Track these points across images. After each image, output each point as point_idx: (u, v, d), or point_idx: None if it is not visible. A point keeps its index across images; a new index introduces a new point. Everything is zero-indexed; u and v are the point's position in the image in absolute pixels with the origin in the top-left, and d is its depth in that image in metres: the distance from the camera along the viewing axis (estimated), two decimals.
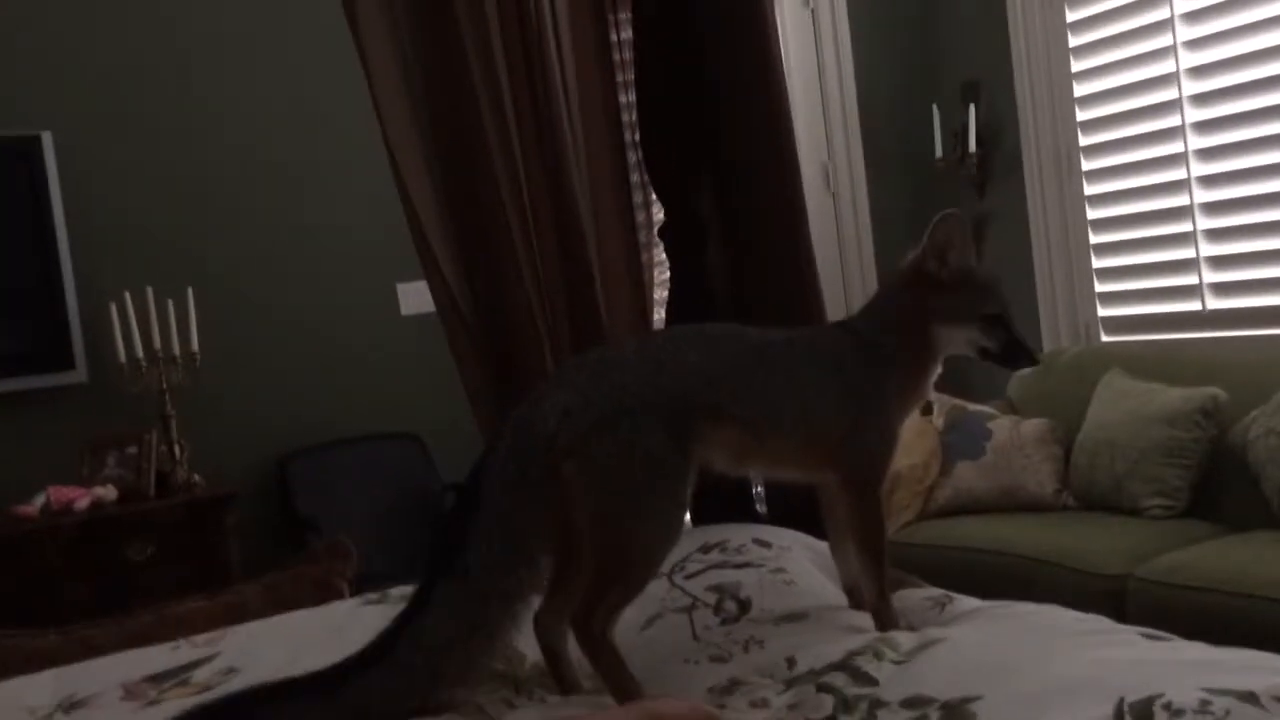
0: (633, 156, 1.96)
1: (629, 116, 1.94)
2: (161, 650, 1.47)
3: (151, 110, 3.53)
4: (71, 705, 1.29)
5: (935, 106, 4.13)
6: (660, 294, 2.08)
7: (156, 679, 1.37)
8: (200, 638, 1.50)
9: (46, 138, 3.28)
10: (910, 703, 1.09)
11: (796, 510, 1.77)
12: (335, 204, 3.78)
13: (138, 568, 3.12)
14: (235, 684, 1.32)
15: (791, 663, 1.25)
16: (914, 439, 3.34)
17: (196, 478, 3.36)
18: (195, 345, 3.40)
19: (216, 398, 3.49)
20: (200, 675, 1.37)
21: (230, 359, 3.53)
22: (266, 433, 3.59)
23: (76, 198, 3.33)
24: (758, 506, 1.90)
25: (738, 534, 1.71)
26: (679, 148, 1.89)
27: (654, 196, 2.00)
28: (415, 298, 3.88)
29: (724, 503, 1.83)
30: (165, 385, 3.36)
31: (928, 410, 3.44)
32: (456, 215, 1.79)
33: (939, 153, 4.12)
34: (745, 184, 1.88)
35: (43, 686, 1.35)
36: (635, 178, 2.03)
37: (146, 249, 3.46)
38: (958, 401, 3.49)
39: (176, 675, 1.37)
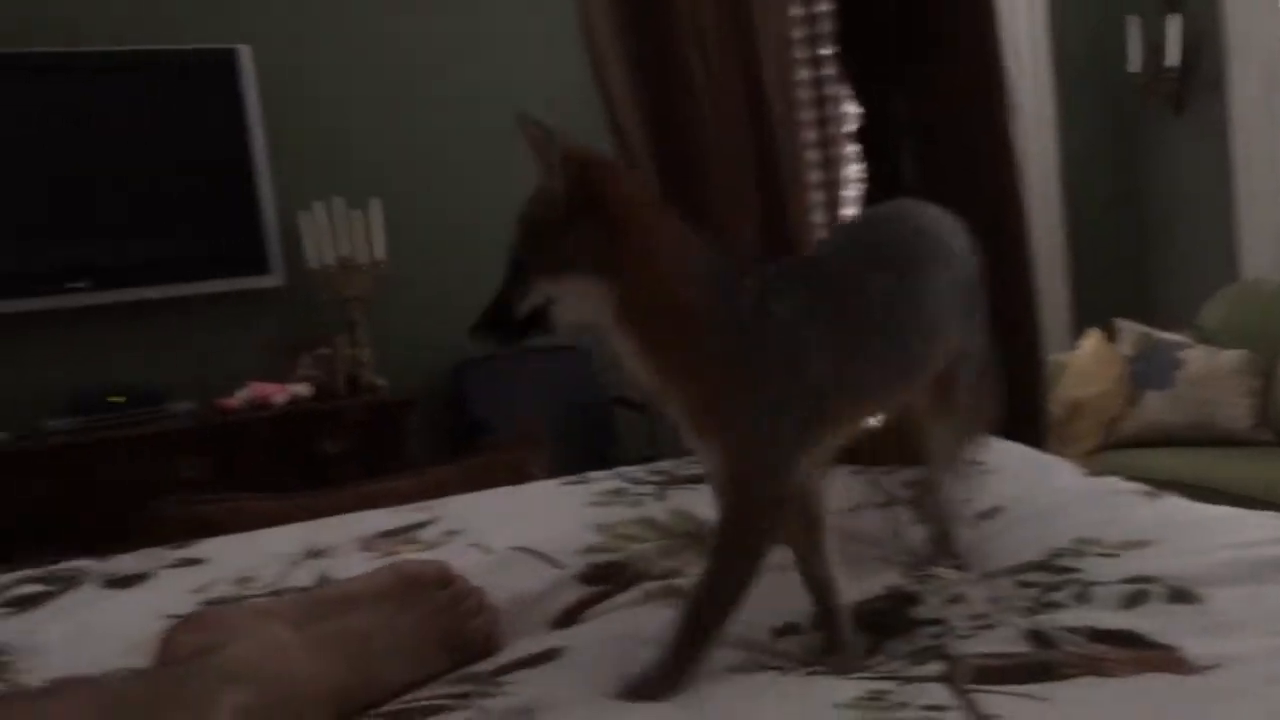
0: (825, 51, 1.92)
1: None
2: (383, 514, 1.56)
3: (344, 27, 3.66)
4: (316, 554, 1.39)
5: (1133, 17, 3.90)
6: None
7: (387, 535, 1.46)
8: (415, 506, 1.60)
9: (245, 51, 3.44)
10: (1132, 580, 1.07)
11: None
12: (509, 119, 3.84)
13: (329, 460, 3.31)
14: (457, 543, 1.40)
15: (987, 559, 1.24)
16: (1098, 367, 3.23)
17: (380, 380, 3.53)
18: (381, 254, 3.55)
19: (399, 305, 3.64)
20: (426, 534, 1.46)
21: (412, 268, 3.66)
22: (444, 340, 3.72)
23: (273, 110, 3.49)
24: None
25: None
26: (877, 44, 1.85)
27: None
28: None
29: None
30: (353, 292, 3.52)
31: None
32: (654, 114, 1.80)
33: (1134, 67, 3.90)
34: (946, 85, 1.82)
35: (287, 538, 1.46)
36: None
37: (337, 160, 3.62)
38: (1145, 328, 3.35)
39: (404, 533, 1.47)
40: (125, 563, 1.44)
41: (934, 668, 0.95)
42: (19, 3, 3.31)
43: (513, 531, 1.38)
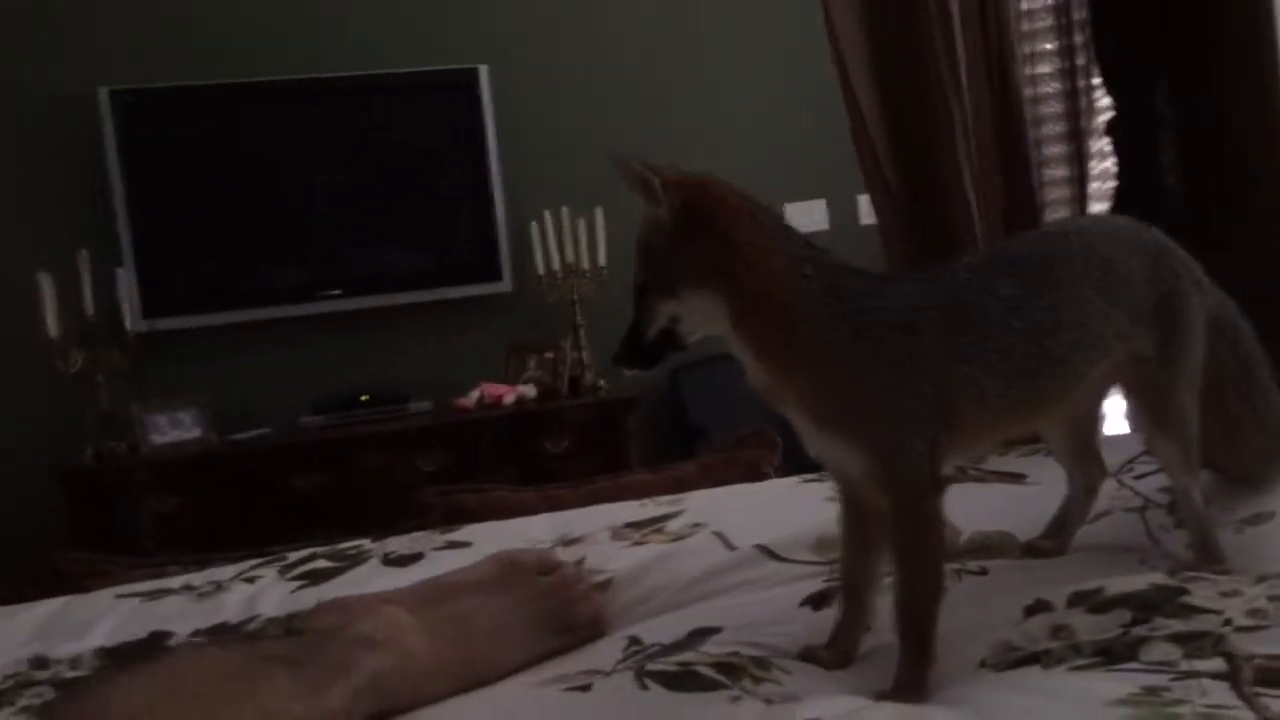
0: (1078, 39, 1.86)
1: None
2: (629, 506, 1.63)
3: (572, 47, 3.82)
4: (568, 541, 1.47)
5: None
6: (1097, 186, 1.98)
7: (636, 525, 1.52)
8: (660, 498, 1.65)
9: (483, 71, 3.64)
10: None
11: None
12: (728, 127, 3.91)
13: (554, 458, 3.45)
14: (701, 535, 1.44)
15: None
16: None
17: (601, 383, 3.65)
18: (602, 260, 3.67)
19: (620, 310, 3.72)
20: (672, 526, 1.51)
21: (631, 274, 3.75)
22: None
23: (506, 126, 3.68)
24: None
25: None
26: (1137, 34, 1.78)
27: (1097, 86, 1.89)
28: (802, 216, 3.95)
29: None
30: (576, 296, 3.66)
31: None
32: (897, 111, 1.79)
33: None
34: (1209, 76, 1.73)
35: (542, 525, 1.55)
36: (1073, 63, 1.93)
37: (563, 172, 3.77)
38: None
39: (652, 524, 1.52)
40: (399, 544, 1.56)
41: (1214, 664, 0.91)
42: (278, 33, 3.62)
43: (757, 525, 1.41)
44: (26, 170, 3.46)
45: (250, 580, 1.49)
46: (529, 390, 3.56)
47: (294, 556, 1.56)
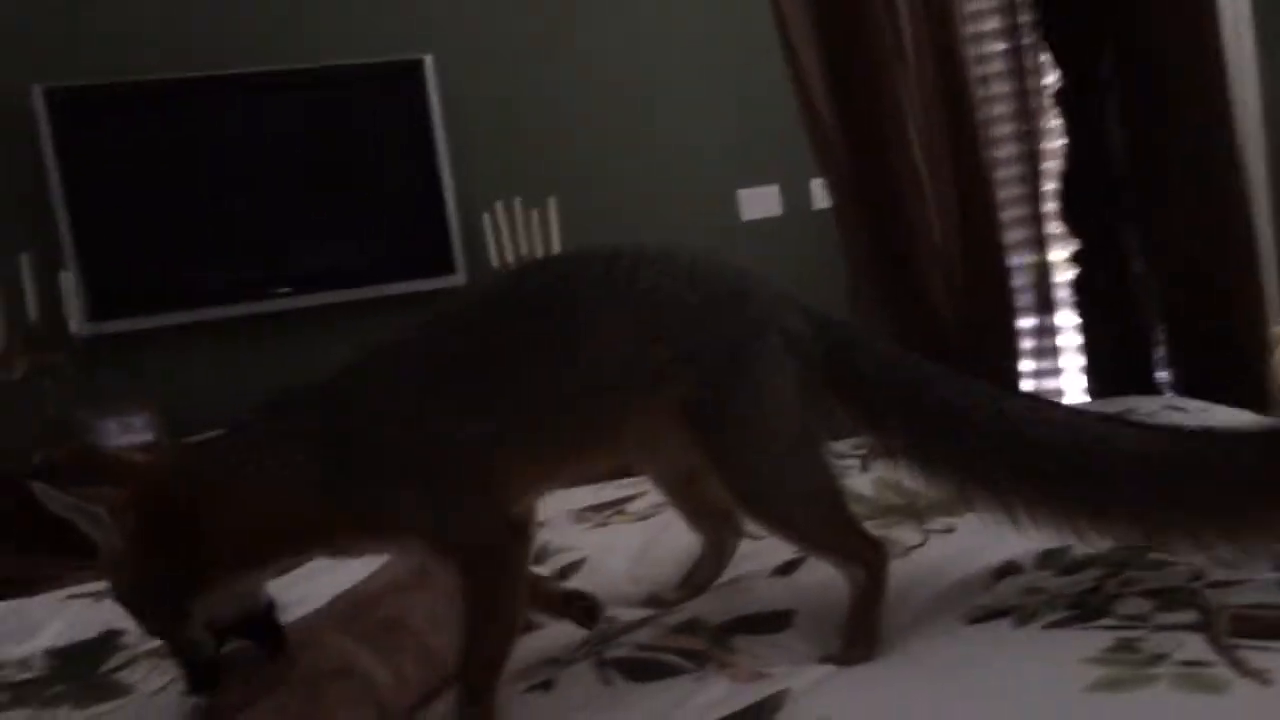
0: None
1: None
2: (584, 491, 1.62)
3: (519, 34, 3.78)
4: None
5: None
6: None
7: (596, 508, 1.51)
8: (619, 482, 1.64)
9: (428, 60, 3.59)
10: None
11: (1208, 378, 1.67)
12: (680, 115, 3.90)
13: None
14: (665, 514, 1.43)
15: None
16: None
17: None
18: (557, 249, 3.64)
19: None
20: (634, 507, 1.50)
21: None
22: None
23: (454, 116, 3.64)
24: (1158, 374, 1.80)
25: (1147, 403, 1.64)
26: (1081, 6, 1.79)
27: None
28: (755, 203, 3.95)
29: (1120, 373, 1.76)
30: None
31: None
32: (845, 92, 1.79)
33: None
34: (1153, 43, 1.75)
35: None
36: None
37: (515, 162, 3.73)
38: None
39: (613, 506, 1.52)
40: None
41: (1186, 616, 0.92)
42: (218, 27, 3.54)
43: None
44: None
45: None
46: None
47: None
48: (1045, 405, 1.08)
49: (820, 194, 3.96)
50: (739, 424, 1.01)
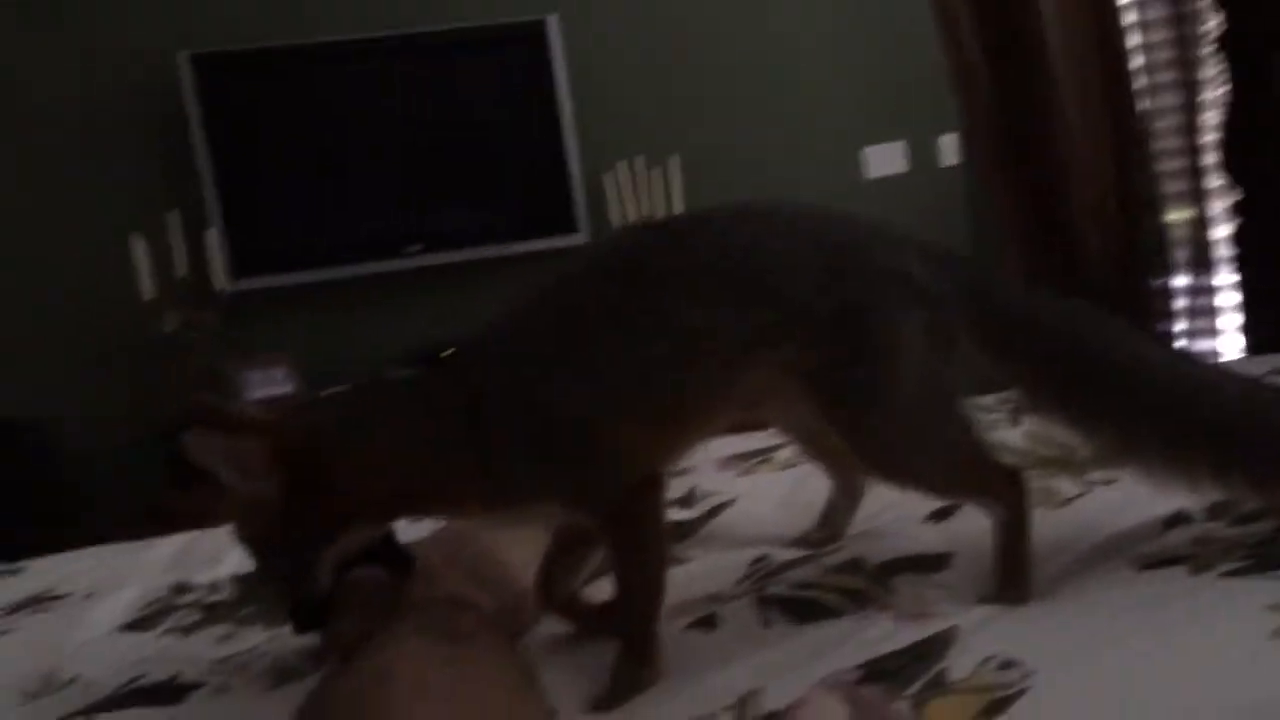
0: None
1: None
2: (730, 440, 1.64)
3: None
4: (679, 472, 1.48)
5: None
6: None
7: (742, 457, 1.54)
8: (759, 434, 1.66)
9: (552, 21, 3.63)
10: None
11: None
12: (804, 70, 3.86)
13: None
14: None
15: None
16: None
17: None
18: (680, 209, 3.65)
19: None
20: (781, 456, 1.52)
21: None
22: None
23: (578, 75, 3.67)
24: None
25: None
26: None
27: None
28: (880, 160, 3.90)
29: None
30: None
31: None
32: (995, 36, 1.75)
33: None
34: None
35: None
36: None
37: (638, 121, 3.75)
38: None
39: (759, 455, 1.54)
40: None
41: None
42: None
43: None
44: (115, 136, 3.54)
45: None
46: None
47: None
48: (1217, 369, 1.05)
49: (948, 150, 3.89)
50: (860, 391, 0.97)
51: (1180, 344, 2.11)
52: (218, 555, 1.50)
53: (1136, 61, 1.81)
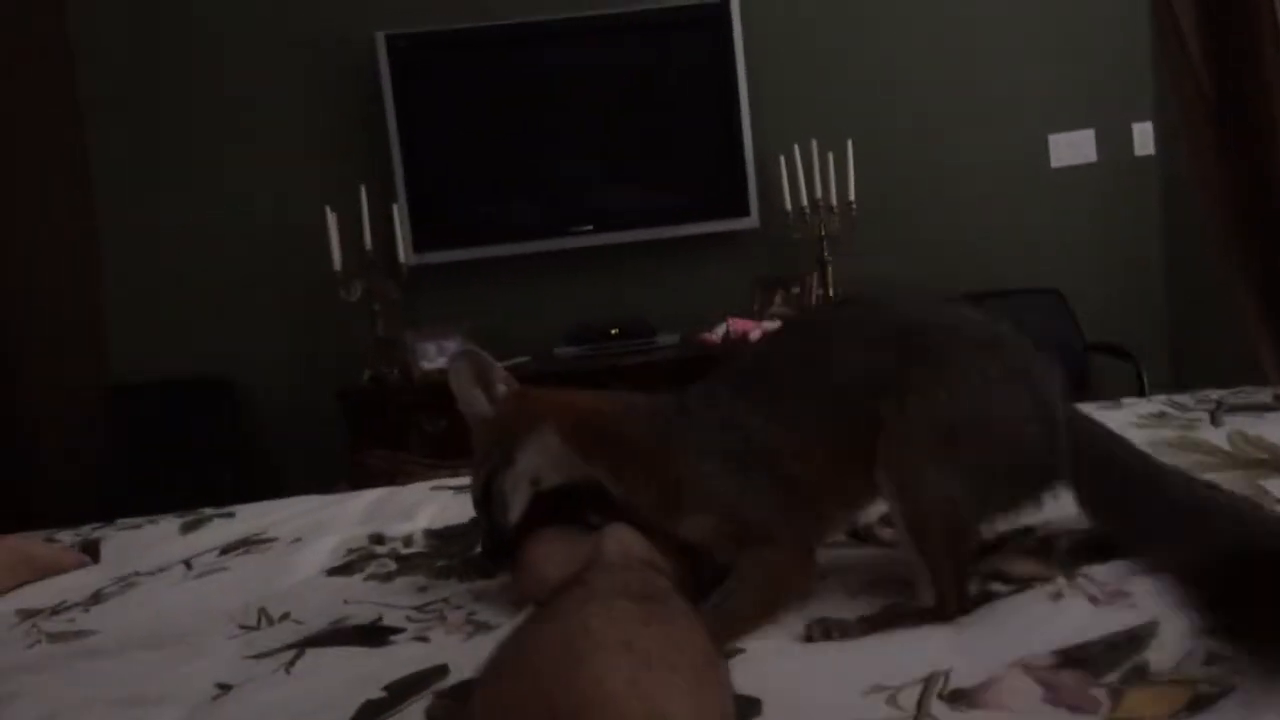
0: None
1: None
2: None
3: None
4: None
5: None
6: None
7: None
8: None
9: (734, 2, 3.63)
10: None
11: None
12: (986, 54, 3.75)
13: None
14: None
15: None
16: None
17: None
18: (852, 195, 3.61)
19: (868, 246, 3.69)
20: None
21: (882, 209, 3.70)
22: (912, 281, 3.72)
23: (755, 57, 3.67)
24: None
25: None
26: None
27: None
28: (1067, 148, 3.75)
29: None
30: (824, 232, 3.63)
31: None
32: (1216, 23, 1.66)
33: None
34: None
35: None
36: None
37: (813, 105, 3.73)
38: None
39: None
40: None
41: None
42: None
43: None
44: (314, 113, 3.75)
45: None
46: (774, 326, 3.57)
47: None
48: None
49: (1143, 139, 3.72)
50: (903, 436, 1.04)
51: None
52: (409, 511, 1.59)
53: None
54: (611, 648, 0.79)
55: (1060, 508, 1.13)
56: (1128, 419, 1.54)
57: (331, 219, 3.49)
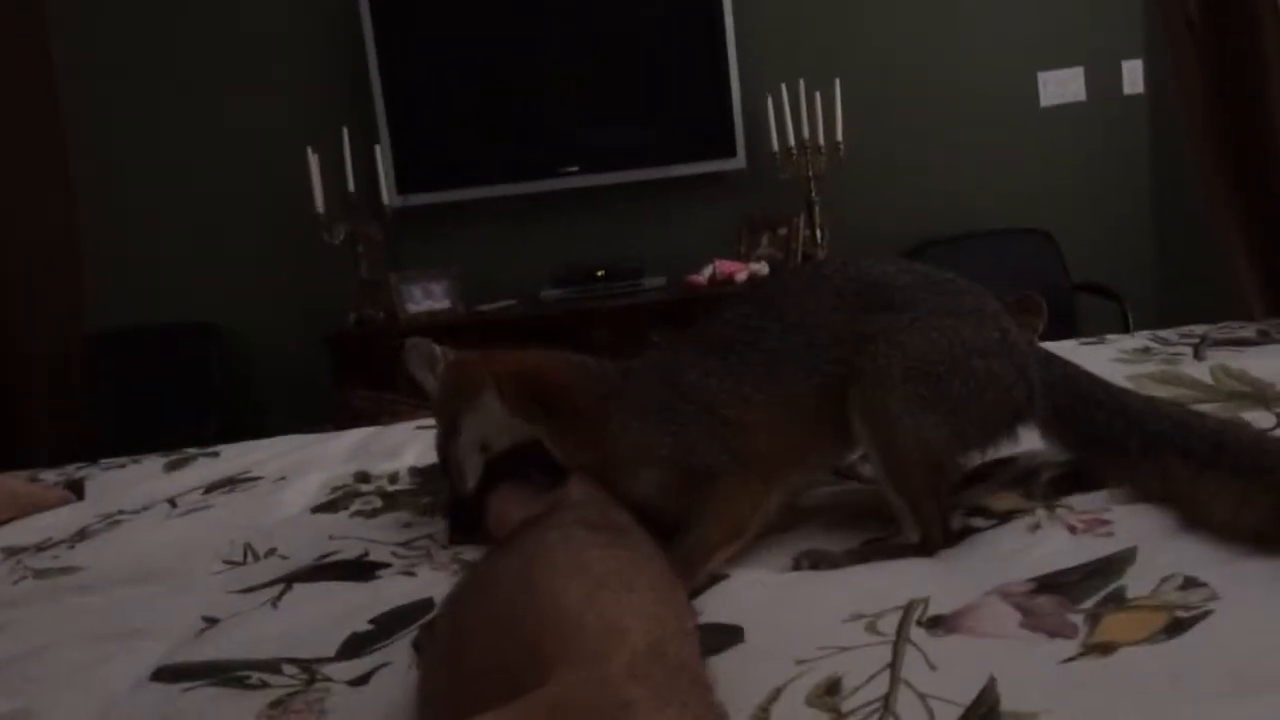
0: None
1: None
2: None
3: None
4: None
5: None
6: None
7: None
8: None
9: None
10: None
11: None
12: None
13: None
14: None
15: None
16: None
17: None
18: (839, 135, 3.58)
19: (855, 186, 3.66)
20: None
21: (870, 149, 3.67)
22: (900, 222, 3.71)
23: None
24: None
25: None
26: None
27: None
28: (1056, 86, 3.72)
29: None
30: (811, 172, 3.60)
31: None
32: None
33: None
34: None
35: None
36: None
37: (801, 44, 3.68)
38: None
39: None
40: None
41: None
42: None
43: None
44: (294, 52, 3.68)
45: None
46: (761, 267, 3.56)
47: None
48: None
49: (1133, 78, 3.68)
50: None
51: None
52: (394, 450, 1.59)
53: None
54: (567, 570, 0.80)
55: (1039, 440, 1.13)
56: (1111, 354, 1.55)
57: (313, 160, 3.44)
